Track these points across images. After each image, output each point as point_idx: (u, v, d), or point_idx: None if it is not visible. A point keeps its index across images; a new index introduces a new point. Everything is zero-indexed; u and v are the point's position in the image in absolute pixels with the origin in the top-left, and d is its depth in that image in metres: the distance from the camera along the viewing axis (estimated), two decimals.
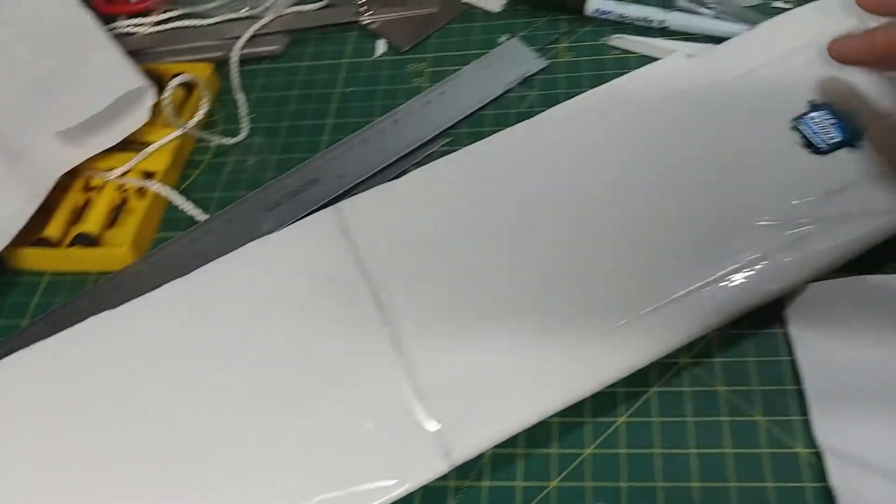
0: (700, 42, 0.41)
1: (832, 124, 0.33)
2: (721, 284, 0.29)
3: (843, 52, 0.32)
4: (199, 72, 0.44)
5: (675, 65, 0.37)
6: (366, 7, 0.47)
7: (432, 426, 0.28)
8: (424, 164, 0.38)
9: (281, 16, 0.47)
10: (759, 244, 0.30)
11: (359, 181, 0.39)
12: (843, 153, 0.32)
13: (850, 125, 0.33)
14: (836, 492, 0.26)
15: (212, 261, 0.34)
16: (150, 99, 0.41)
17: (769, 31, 0.37)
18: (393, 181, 0.36)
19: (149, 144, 0.41)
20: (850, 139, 0.32)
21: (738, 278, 0.29)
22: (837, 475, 0.26)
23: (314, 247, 0.33)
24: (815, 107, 0.34)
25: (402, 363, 0.29)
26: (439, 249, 0.32)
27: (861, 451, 0.26)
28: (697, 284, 0.29)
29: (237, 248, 0.35)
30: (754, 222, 0.31)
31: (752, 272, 0.29)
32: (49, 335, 0.32)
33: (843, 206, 0.30)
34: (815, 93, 0.34)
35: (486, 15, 0.46)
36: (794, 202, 0.31)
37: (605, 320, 0.29)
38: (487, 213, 0.33)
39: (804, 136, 0.33)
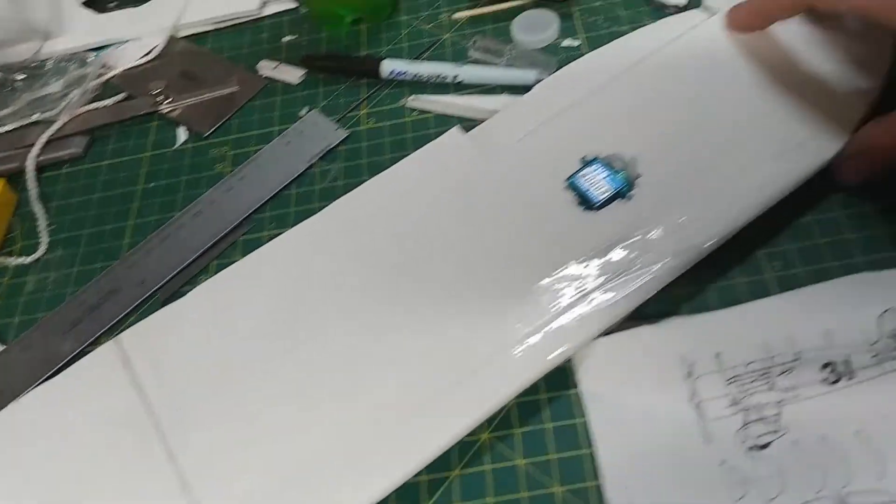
0: (496, 94, 0.41)
1: (604, 178, 0.33)
2: (512, 352, 0.29)
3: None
4: None
5: (451, 141, 0.37)
6: (164, 95, 0.46)
7: None
8: (227, 255, 0.38)
9: (77, 116, 0.46)
10: (543, 308, 0.30)
11: (160, 285, 0.38)
12: (616, 205, 0.32)
13: (622, 176, 0.33)
14: None
15: (8, 397, 0.33)
16: None
17: (541, 93, 0.38)
18: (176, 301, 0.34)
19: None
20: (622, 190, 0.33)
21: (529, 344, 0.29)
22: None
23: (97, 384, 0.32)
24: (586, 163, 0.34)
25: (188, 499, 0.28)
26: (225, 370, 0.31)
27: None
28: (490, 356, 0.29)
29: (35, 378, 0.34)
30: (539, 287, 0.31)
31: (540, 336, 0.30)
32: None
33: (622, 258, 0.31)
34: (586, 148, 0.34)
35: (287, 88, 0.46)
36: (575, 261, 0.31)
37: (398, 413, 0.29)
38: (270, 322, 0.33)
39: (578, 194, 0.33)
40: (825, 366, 0.28)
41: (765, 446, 0.27)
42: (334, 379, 0.30)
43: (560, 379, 0.31)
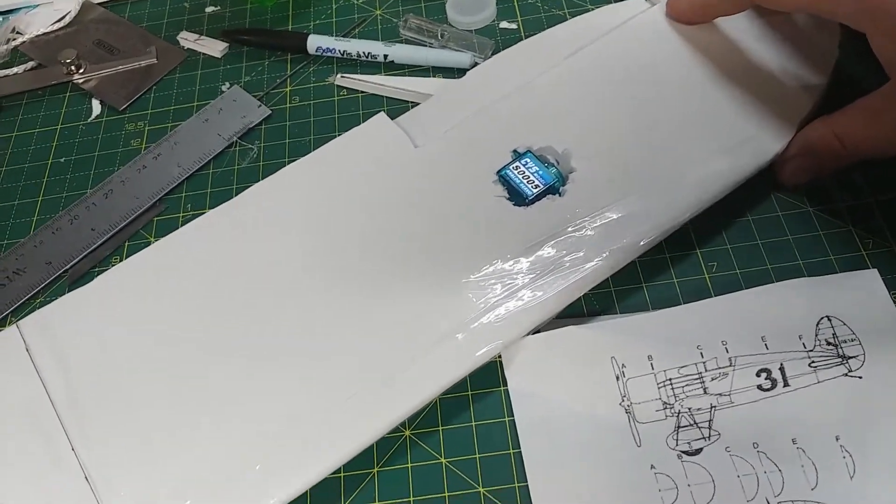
0: (425, 76, 0.41)
1: (536, 172, 0.32)
2: (438, 349, 0.29)
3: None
4: None
5: (378, 127, 0.35)
6: (77, 65, 0.44)
7: None
8: (141, 237, 0.37)
9: None
10: (471, 305, 0.29)
11: (68, 266, 0.37)
12: (547, 200, 0.32)
13: (555, 171, 0.32)
14: None
15: None
16: None
17: (475, 78, 0.37)
18: (84, 286, 0.33)
19: None
20: (555, 185, 0.32)
21: (456, 340, 0.29)
22: None
23: (3, 369, 0.31)
24: (518, 155, 0.33)
25: (93, 495, 0.27)
26: (131, 359, 0.30)
27: None
28: (417, 354, 0.29)
29: None
30: (467, 283, 0.30)
31: (467, 334, 0.29)
32: None
33: (552, 255, 0.30)
34: (518, 140, 0.34)
35: (208, 61, 0.44)
36: (504, 258, 0.30)
37: (314, 411, 0.28)
38: (179, 310, 0.31)
39: (509, 188, 0.32)
40: (760, 372, 0.28)
41: (696, 452, 0.27)
42: (243, 373, 0.29)
43: (487, 377, 0.30)
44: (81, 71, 0.44)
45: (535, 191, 0.32)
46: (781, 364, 0.28)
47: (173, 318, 0.31)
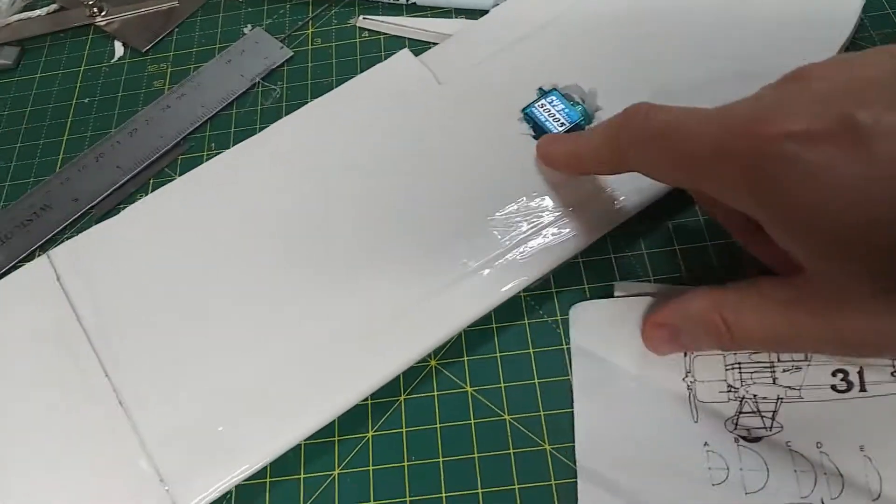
0: (452, 17, 0.40)
1: (561, 110, 0.32)
2: (466, 285, 0.29)
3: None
4: None
5: (402, 64, 0.35)
6: (99, 8, 0.44)
7: (160, 479, 0.27)
8: (167, 175, 0.37)
9: (6, 25, 0.44)
10: (498, 242, 0.30)
11: (94, 203, 0.37)
12: None
13: (580, 109, 0.32)
14: None
15: None
16: None
17: (498, 17, 0.36)
18: (111, 218, 0.33)
19: None
20: (580, 123, 0.32)
21: (481, 278, 0.29)
22: (585, 496, 0.26)
23: (30, 299, 0.31)
24: (544, 93, 0.33)
25: (127, 417, 0.28)
26: (163, 287, 0.31)
27: (613, 474, 0.26)
28: (444, 289, 0.29)
29: None
30: (492, 219, 0.30)
31: (492, 270, 0.29)
32: None
33: (580, 192, 0.30)
34: (543, 78, 0.34)
35: (230, 4, 0.44)
36: (528, 196, 0.30)
37: (344, 343, 0.28)
38: (206, 244, 0.32)
39: (534, 126, 0.32)
40: (836, 372, 0.27)
41: (755, 439, 0.26)
42: (277, 304, 0.30)
43: (512, 311, 0.31)
44: (103, 14, 0.44)
45: (560, 129, 0.32)
46: (861, 368, 0.27)
47: (199, 251, 0.32)
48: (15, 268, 0.35)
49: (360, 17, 0.42)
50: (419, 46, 0.40)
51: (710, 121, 0.22)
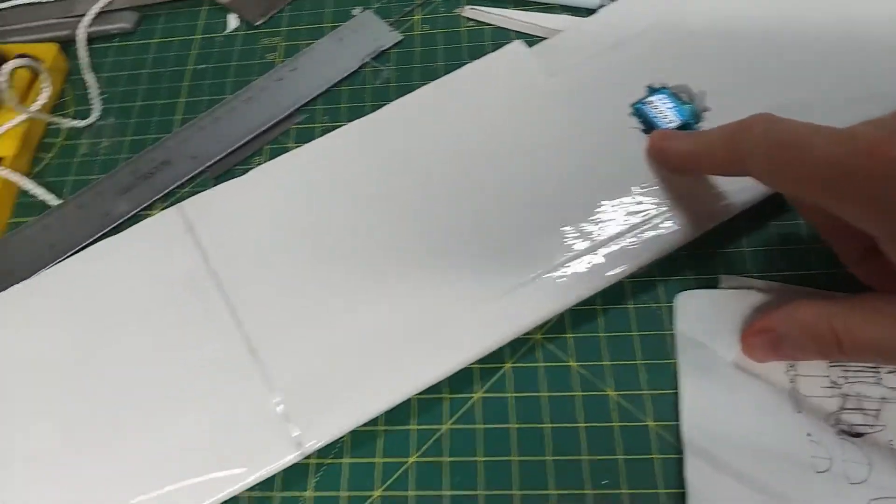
0: (557, 13, 0.42)
1: (671, 108, 0.34)
2: (574, 268, 0.31)
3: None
4: (44, 52, 0.43)
5: (514, 54, 0.37)
6: None
7: (285, 418, 0.29)
8: (279, 142, 0.39)
9: None
10: (602, 229, 0.31)
11: (212, 162, 0.39)
12: None
13: (690, 108, 0.34)
14: (688, 485, 0.27)
15: (64, 249, 0.35)
16: None
17: (607, 17, 0.38)
18: (238, 178, 0.35)
19: None
20: (689, 123, 0.33)
21: (587, 262, 0.31)
22: (692, 470, 0.27)
23: (161, 246, 0.33)
24: (653, 90, 0.35)
25: (254, 359, 0.30)
26: (285, 247, 0.33)
27: (719, 453, 0.27)
28: (554, 270, 0.31)
29: (91, 234, 0.35)
30: (598, 208, 0.32)
31: (600, 255, 0.31)
32: None
33: (687, 187, 0.32)
34: (654, 76, 0.35)
35: None
36: (636, 188, 0.32)
37: (458, 306, 0.30)
38: (330, 208, 0.34)
39: (643, 121, 0.34)
40: None
41: (857, 435, 0.27)
42: (395, 268, 0.32)
43: (616, 293, 0.32)
44: None
45: (669, 126, 0.33)
46: None
47: (323, 212, 0.33)
48: (137, 216, 0.37)
49: (467, 7, 0.44)
50: (525, 40, 0.41)
51: (837, 140, 0.23)
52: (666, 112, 0.34)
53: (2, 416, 0.30)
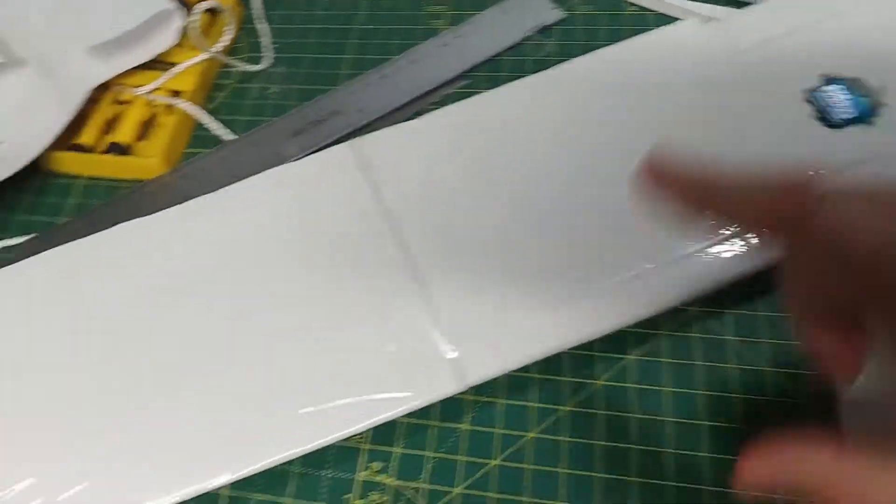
0: (718, 4, 0.42)
1: (846, 99, 0.34)
2: (726, 247, 0.31)
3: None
4: None
5: (688, 30, 0.38)
6: None
7: (449, 352, 0.30)
8: (440, 104, 0.40)
9: None
10: None
11: (377, 117, 0.41)
12: (856, 129, 0.33)
13: (865, 101, 0.34)
14: None
15: (239, 179, 0.36)
16: (177, 21, 0.42)
17: (778, 5, 0.38)
18: (411, 121, 0.37)
19: (176, 65, 0.42)
20: (865, 116, 0.33)
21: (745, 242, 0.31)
22: None
23: (335, 178, 0.35)
24: (829, 80, 0.35)
25: (422, 294, 0.32)
26: (454, 189, 0.34)
27: None
28: (708, 243, 0.31)
29: (263, 169, 0.37)
30: None
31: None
32: (84, 234, 0.34)
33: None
34: (829, 66, 0.35)
35: None
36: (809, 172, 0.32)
37: (616, 272, 0.31)
38: (498, 160, 0.35)
39: (818, 109, 0.34)
40: None
41: None
42: (567, 218, 0.33)
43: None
44: None
45: (845, 116, 0.33)
46: None
47: (492, 160, 0.35)
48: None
49: None
50: None
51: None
52: (842, 102, 0.34)
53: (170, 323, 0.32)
